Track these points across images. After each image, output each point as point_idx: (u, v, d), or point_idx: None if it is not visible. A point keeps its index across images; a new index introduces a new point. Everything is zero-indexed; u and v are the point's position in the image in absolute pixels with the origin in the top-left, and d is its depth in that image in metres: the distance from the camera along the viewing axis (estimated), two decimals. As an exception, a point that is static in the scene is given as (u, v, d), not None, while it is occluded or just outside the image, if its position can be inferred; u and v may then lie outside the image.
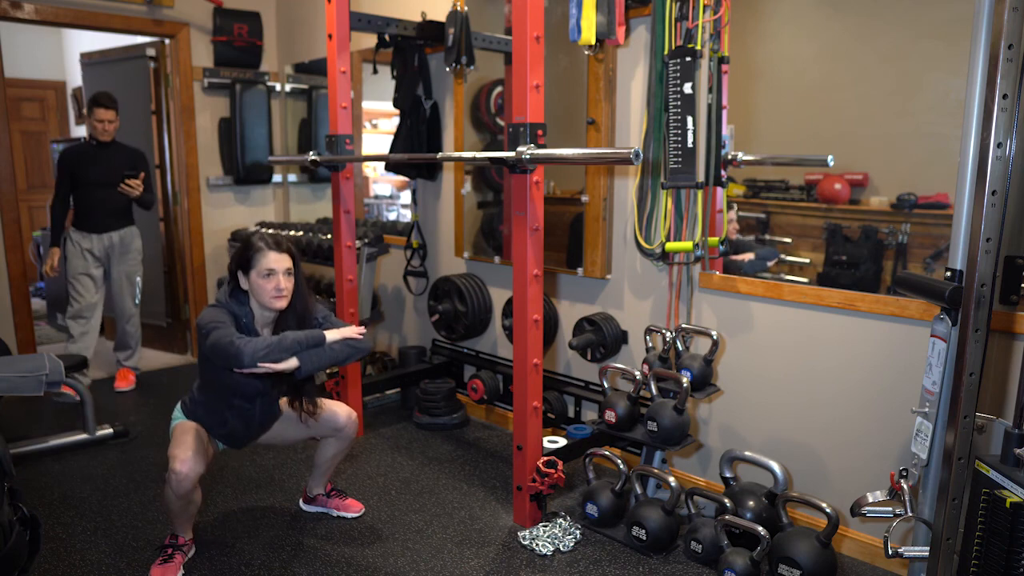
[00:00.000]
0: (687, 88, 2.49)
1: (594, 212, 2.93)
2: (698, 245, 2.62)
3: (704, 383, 2.57)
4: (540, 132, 2.32)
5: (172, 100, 4.66)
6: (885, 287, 2.46)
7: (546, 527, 2.50)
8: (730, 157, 2.59)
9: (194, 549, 2.36)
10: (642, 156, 2.57)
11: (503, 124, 3.48)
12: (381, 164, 4.57)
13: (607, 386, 2.72)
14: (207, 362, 2.23)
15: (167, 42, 4.59)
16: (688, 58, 2.47)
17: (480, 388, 3.32)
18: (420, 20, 3.46)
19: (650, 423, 2.50)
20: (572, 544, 2.43)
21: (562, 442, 2.76)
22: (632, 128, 2.85)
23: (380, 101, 4.53)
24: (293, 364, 2.10)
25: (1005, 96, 1.51)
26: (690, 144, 2.50)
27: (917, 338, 2.17)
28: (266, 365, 2.05)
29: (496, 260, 3.45)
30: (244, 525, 2.58)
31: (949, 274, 1.66)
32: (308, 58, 4.72)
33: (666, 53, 2.55)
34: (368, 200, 5.40)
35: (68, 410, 3.69)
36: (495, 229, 3.56)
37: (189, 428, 2.24)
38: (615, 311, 3.02)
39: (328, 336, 2.19)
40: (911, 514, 1.80)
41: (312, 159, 3.22)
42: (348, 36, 3.16)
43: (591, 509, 2.53)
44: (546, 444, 2.72)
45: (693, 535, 2.32)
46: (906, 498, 1.82)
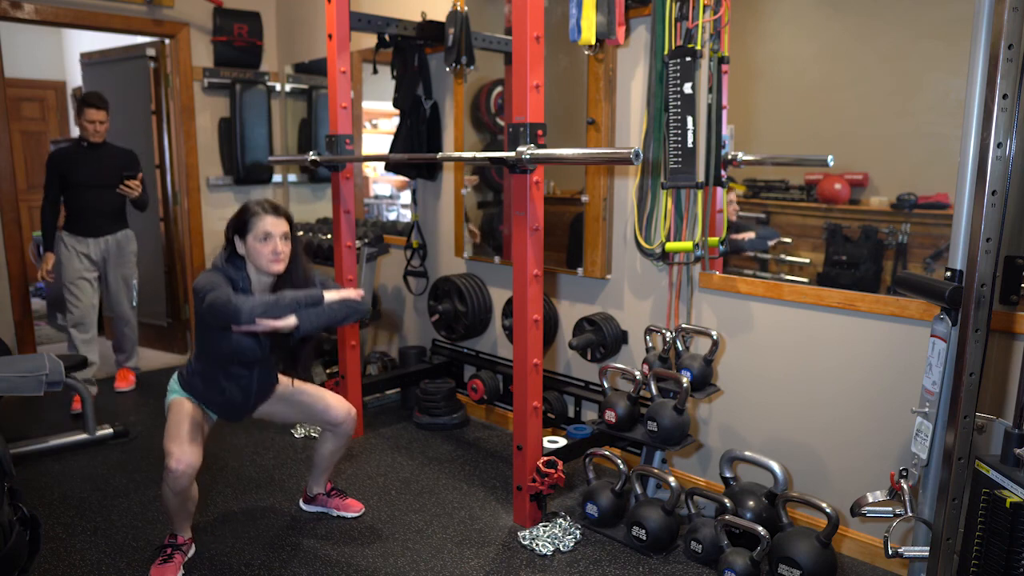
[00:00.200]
0: (687, 88, 2.49)
1: (594, 212, 2.93)
2: (698, 245, 2.62)
3: (704, 383, 2.57)
4: (540, 132, 2.32)
5: (172, 100, 4.66)
6: (885, 287, 2.46)
7: (546, 527, 2.50)
8: (730, 157, 2.59)
9: (194, 548, 2.36)
10: (642, 156, 2.57)
11: (503, 124, 3.48)
12: (381, 164, 4.56)
13: (607, 386, 2.72)
14: (204, 329, 2.21)
15: (167, 42, 4.59)
16: (688, 58, 2.47)
17: (480, 388, 3.32)
18: (420, 20, 3.46)
19: (650, 423, 2.50)
20: (572, 544, 2.43)
21: (562, 442, 2.77)
22: (632, 128, 2.85)
23: (380, 101, 4.53)
24: (292, 323, 2.06)
25: (1005, 96, 1.51)
26: (690, 144, 2.51)
27: (917, 338, 2.16)
28: (264, 322, 2.02)
29: (496, 260, 3.45)
30: (244, 525, 2.58)
31: (949, 274, 1.66)
32: (308, 58, 4.71)
33: (666, 53, 2.55)
34: (368, 200, 5.39)
35: (68, 410, 3.69)
36: (495, 229, 3.56)
37: (184, 413, 2.22)
38: (615, 311, 3.02)
39: (327, 296, 2.16)
40: (911, 514, 1.80)
41: (312, 159, 3.22)
42: (348, 36, 3.16)
43: (591, 509, 2.53)
44: (546, 444, 2.72)
45: (693, 535, 2.32)
46: (906, 498, 1.82)
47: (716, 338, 2.53)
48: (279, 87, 4.97)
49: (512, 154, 2.28)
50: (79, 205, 3.78)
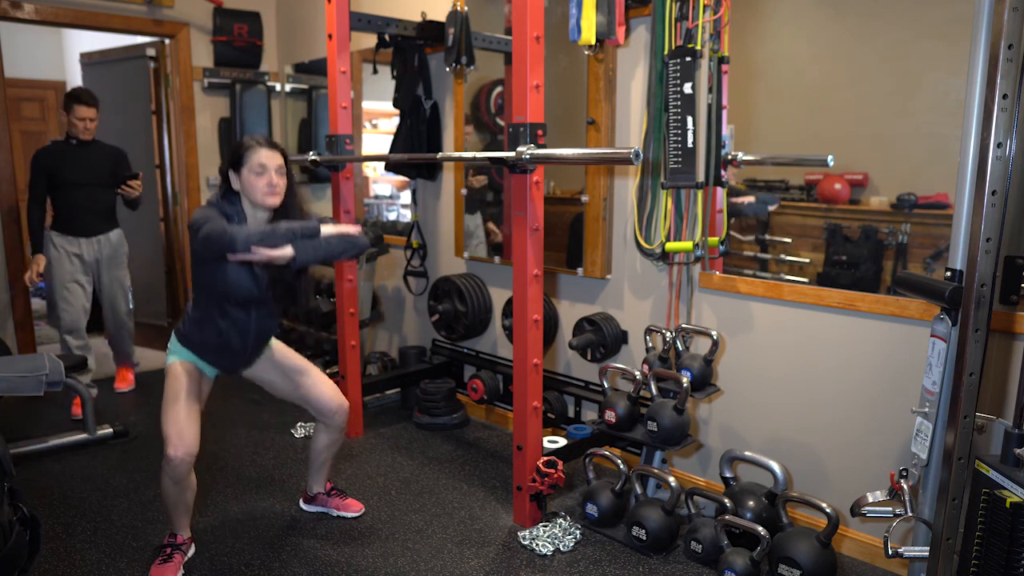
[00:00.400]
0: (687, 88, 2.49)
1: (594, 212, 2.93)
2: (698, 245, 2.62)
3: (704, 383, 2.57)
4: (540, 132, 2.32)
5: (172, 100, 4.66)
6: (885, 287, 2.46)
7: (546, 527, 2.50)
8: (730, 157, 2.59)
9: (193, 548, 2.36)
10: (642, 156, 2.57)
11: (503, 124, 3.48)
12: (381, 164, 4.57)
13: (607, 386, 2.72)
14: (201, 267, 2.19)
15: (167, 42, 4.59)
16: (688, 58, 2.47)
17: (480, 388, 3.32)
18: (420, 20, 3.46)
19: (650, 423, 2.50)
20: (572, 544, 2.43)
21: (562, 442, 2.76)
22: (632, 128, 2.85)
23: (380, 101, 4.53)
24: (288, 253, 2.03)
25: (1005, 96, 1.51)
26: (690, 144, 2.51)
27: (917, 338, 2.16)
28: (260, 251, 1.99)
29: (496, 260, 3.45)
30: (244, 525, 2.58)
31: (949, 274, 1.66)
32: (308, 58, 4.72)
33: (666, 53, 2.55)
34: (368, 200, 5.39)
35: (68, 412, 3.69)
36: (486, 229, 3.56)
37: (180, 384, 2.20)
38: (615, 311, 3.02)
39: (324, 230, 2.14)
40: (911, 514, 1.80)
41: (312, 159, 3.22)
42: (348, 36, 3.16)
43: (591, 509, 2.53)
44: (546, 444, 2.71)
45: (693, 535, 2.32)
46: (906, 498, 1.82)
47: (716, 338, 2.53)
48: (279, 87, 4.97)
49: (512, 154, 2.28)
50: (69, 205, 3.65)
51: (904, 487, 1.82)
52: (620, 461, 2.51)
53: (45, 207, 3.64)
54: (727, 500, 2.30)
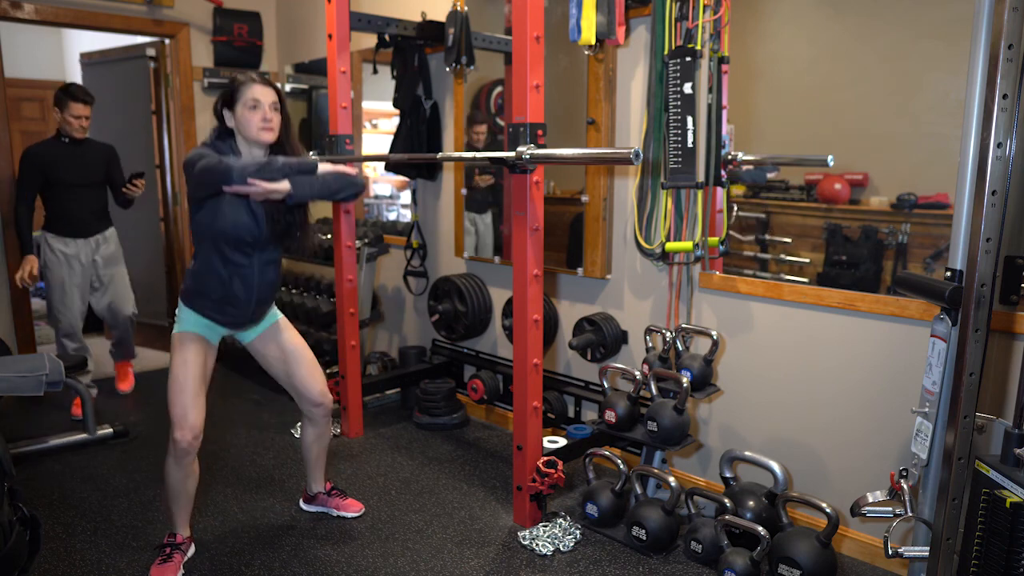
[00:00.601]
0: (687, 88, 2.49)
1: (594, 212, 2.93)
2: (698, 245, 2.62)
3: (704, 383, 2.57)
4: (540, 132, 2.32)
5: (172, 100, 4.66)
6: (885, 287, 2.46)
7: (546, 527, 2.50)
8: (730, 157, 2.59)
9: (193, 548, 2.36)
10: (642, 156, 2.57)
11: (503, 124, 3.48)
12: (381, 164, 4.57)
13: (607, 386, 2.72)
14: (198, 209, 2.16)
15: (167, 42, 4.59)
16: (688, 58, 2.47)
17: (480, 388, 3.32)
18: (420, 20, 3.46)
19: (650, 423, 2.50)
20: (572, 544, 2.43)
21: (562, 442, 2.76)
22: (632, 128, 2.85)
23: (380, 101, 4.53)
24: (285, 187, 2.03)
25: (1005, 96, 1.51)
26: (690, 144, 2.51)
27: (917, 338, 2.16)
28: (256, 183, 1.99)
29: (496, 260, 3.45)
30: (244, 525, 2.58)
31: (949, 274, 1.66)
32: (308, 58, 4.72)
33: (666, 53, 2.55)
34: (368, 200, 5.39)
35: (68, 410, 3.69)
36: (495, 229, 3.56)
37: (186, 367, 2.18)
38: (615, 311, 3.02)
39: (321, 167, 2.13)
40: (911, 514, 1.80)
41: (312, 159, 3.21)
42: (348, 36, 3.16)
43: (591, 509, 2.53)
44: (546, 444, 2.71)
45: (693, 535, 2.32)
46: (906, 498, 1.82)
47: (716, 338, 2.53)
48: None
49: (512, 154, 2.28)
50: (64, 205, 3.55)
51: (904, 487, 1.82)
52: (620, 461, 2.51)
53: (34, 207, 3.53)
54: (727, 500, 2.30)
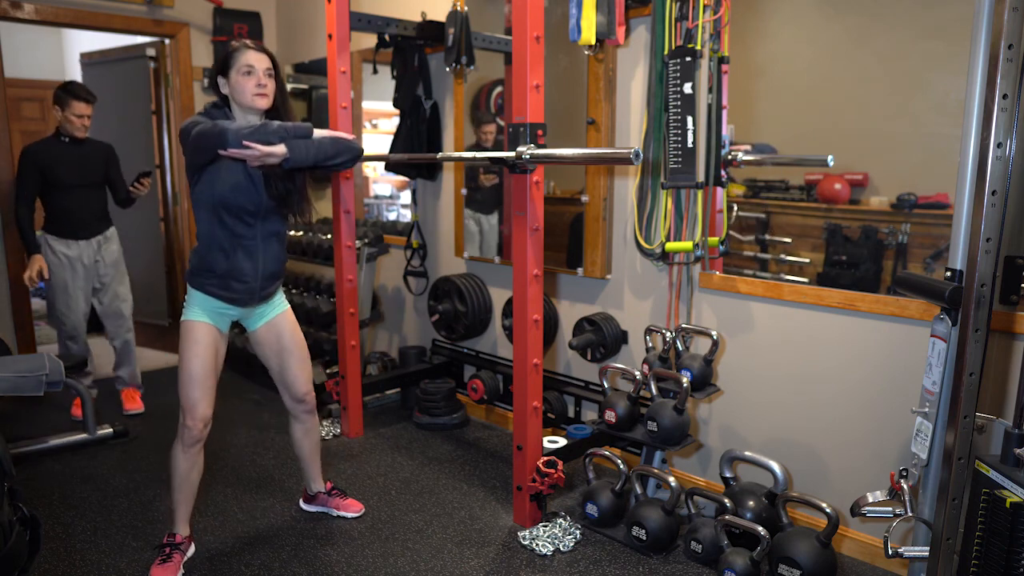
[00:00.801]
0: (687, 88, 2.49)
1: (594, 212, 2.93)
2: (698, 245, 2.62)
3: (704, 383, 2.57)
4: (540, 132, 2.32)
5: (172, 100, 4.66)
6: (885, 287, 2.46)
7: (546, 527, 2.50)
8: (730, 157, 2.59)
9: (193, 548, 2.36)
10: (642, 156, 2.57)
11: (503, 124, 3.48)
12: (381, 164, 4.57)
13: (607, 386, 2.72)
14: (198, 180, 2.17)
15: (167, 42, 4.59)
16: (688, 58, 2.47)
17: (480, 388, 3.32)
18: (420, 20, 3.46)
19: (650, 423, 2.50)
20: (572, 544, 2.43)
21: (562, 442, 2.76)
22: (632, 128, 2.85)
23: (380, 101, 4.53)
24: (281, 150, 2.04)
25: (1005, 96, 1.51)
26: (690, 144, 2.51)
27: (917, 338, 2.16)
28: (252, 146, 1.99)
29: (496, 260, 3.45)
30: (244, 525, 2.58)
31: (949, 274, 1.66)
32: (308, 58, 4.71)
33: (666, 53, 2.55)
34: (368, 200, 5.39)
35: (68, 410, 3.69)
36: (500, 229, 3.56)
37: (196, 359, 2.19)
38: (615, 311, 3.02)
39: (316, 133, 2.14)
40: (911, 514, 1.80)
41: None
42: (348, 36, 3.16)
43: (591, 509, 2.53)
44: (546, 444, 2.72)
45: (693, 535, 2.32)
46: (906, 498, 1.82)
47: (716, 338, 2.53)
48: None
49: (512, 154, 2.28)
50: (64, 206, 3.48)
51: (904, 487, 1.82)
52: (620, 461, 2.51)
53: (34, 207, 3.48)
54: (727, 500, 2.30)
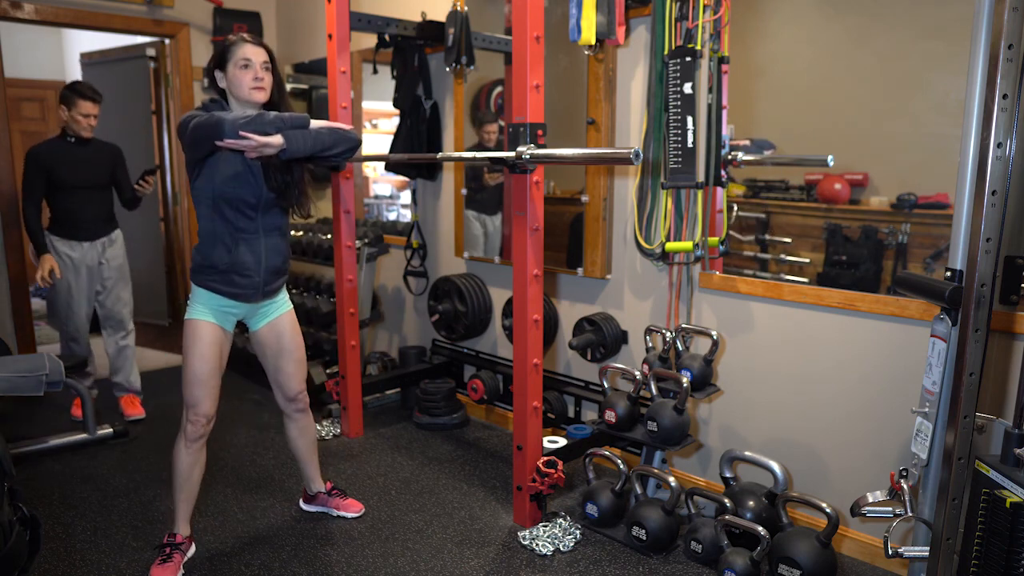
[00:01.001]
0: (687, 88, 2.49)
1: (594, 212, 2.93)
2: (698, 245, 2.62)
3: (704, 383, 2.57)
4: (540, 132, 2.32)
5: (172, 100, 4.66)
6: (885, 287, 2.46)
7: (546, 527, 2.50)
8: (730, 157, 2.59)
9: (193, 548, 2.36)
10: (642, 156, 2.57)
11: (504, 124, 3.48)
12: (381, 164, 4.57)
13: (607, 386, 2.72)
14: (198, 174, 2.17)
15: (167, 42, 4.59)
16: (688, 58, 2.47)
17: (480, 388, 3.32)
18: (420, 20, 3.46)
19: (650, 423, 2.50)
20: (572, 544, 2.43)
21: (562, 442, 2.76)
22: (632, 128, 2.85)
23: (380, 101, 4.53)
24: (277, 140, 2.03)
25: (1005, 96, 1.51)
26: (690, 144, 2.51)
27: (917, 338, 2.16)
28: (249, 136, 1.99)
29: (496, 260, 3.45)
30: (244, 525, 2.58)
31: (949, 274, 1.66)
32: (308, 58, 4.71)
33: (666, 53, 2.55)
34: (368, 200, 5.39)
35: (68, 410, 3.69)
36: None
37: (200, 359, 2.20)
38: (615, 311, 3.02)
39: (314, 123, 2.14)
40: (911, 514, 1.80)
41: (312, 159, 3.21)
42: (348, 36, 3.16)
43: (591, 509, 2.53)
44: (546, 444, 2.72)
45: (693, 535, 2.32)
46: (906, 498, 1.82)
47: (716, 338, 2.52)
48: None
49: (512, 154, 2.28)
50: (69, 207, 3.46)
51: (904, 487, 1.82)
52: (620, 461, 2.51)
53: (41, 207, 3.45)
54: (727, 500, 2.30)
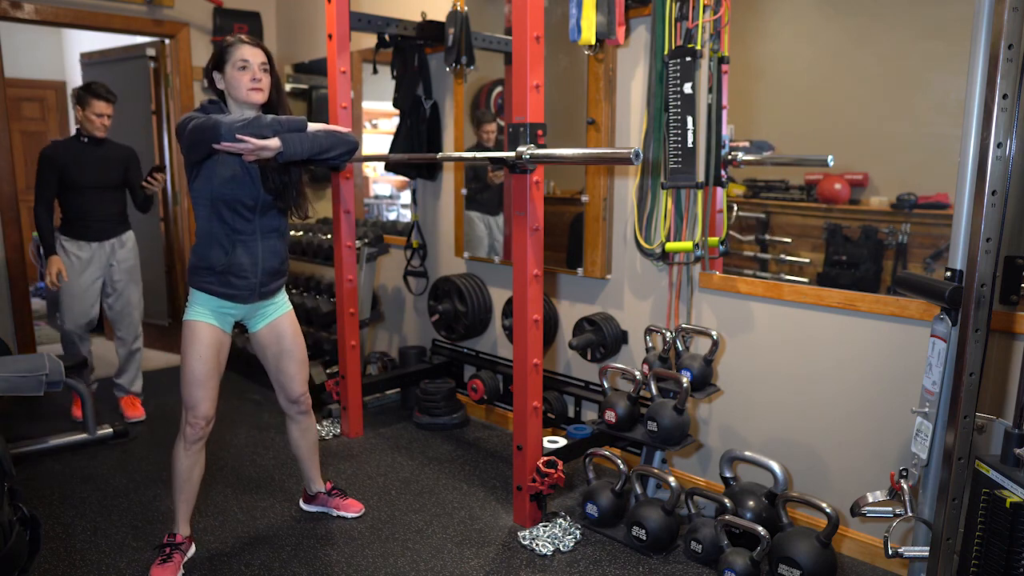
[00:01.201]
0: (687, 88, 2.49)
1: (594, 212, 2.93)
2: (698, 245, 2.62)
3: (704, 383, 2.57)
4: (540, 132, 2.32)
5: (172, 100, 4.66)
6: (885, 287, 2.46)
7: (546, 527, 2.50)
8: (730, 157, 2.59)
9: (193, 548, 2.36)
10: (642, 156, 2.57)
11: (503, 124, 3.48)
12: (381, 164, 4.56)
13: (607, 386, 2.72)
14: (196, 176, 2.16)
15: (167, 42, 4.59)
16: (688, 58, 2.47)
17: (480, 388, 3.32)
18: (420, 20, 3.46)
19: (650, 423, 2.50)
20: (572, 544, 2.43)
21: (562, 442, 2.76)
22: (632, 128, 2.85)
23: (380, 101, 4.53)
24: (274, 143, 2.03)
25: (1005, 96, 1.51)
26: (690, 144, 2.51)
27: (917, 338, 2.16)
28: (246, 139, 2.00)
29: (496, 260, 3.45)
30: (244, 525, 2.58)
31: (949, 274, 1.66)
32: (308, 58, 4.71)
33: (666, 53, 2.55)
34: (368, 200, 5.39)
35: (68, 410, 3.69)
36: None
37: (198, 361, 2.19)
38: (615, 311, 3.02)
39: (311, 126, 2.15)
40: (911, 514, 1.80)
41: (312, 159, 3.21)
42: (348, 36, 3.16)
43: (591, 509, 2.53)
44: (546, 444, 2.72)
45: (693, 535, 2.32)
46: (906, 498, 1.82)
47: (716, 338, 2.52)
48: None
49: (512, 154, 2.28)
50: (80, 207, 3.44)
51: (904, 487, 1.82)
52: (620, 461, 2.51)
53: (53, 208, 3.44)
54: (727, 500, 2.30)
